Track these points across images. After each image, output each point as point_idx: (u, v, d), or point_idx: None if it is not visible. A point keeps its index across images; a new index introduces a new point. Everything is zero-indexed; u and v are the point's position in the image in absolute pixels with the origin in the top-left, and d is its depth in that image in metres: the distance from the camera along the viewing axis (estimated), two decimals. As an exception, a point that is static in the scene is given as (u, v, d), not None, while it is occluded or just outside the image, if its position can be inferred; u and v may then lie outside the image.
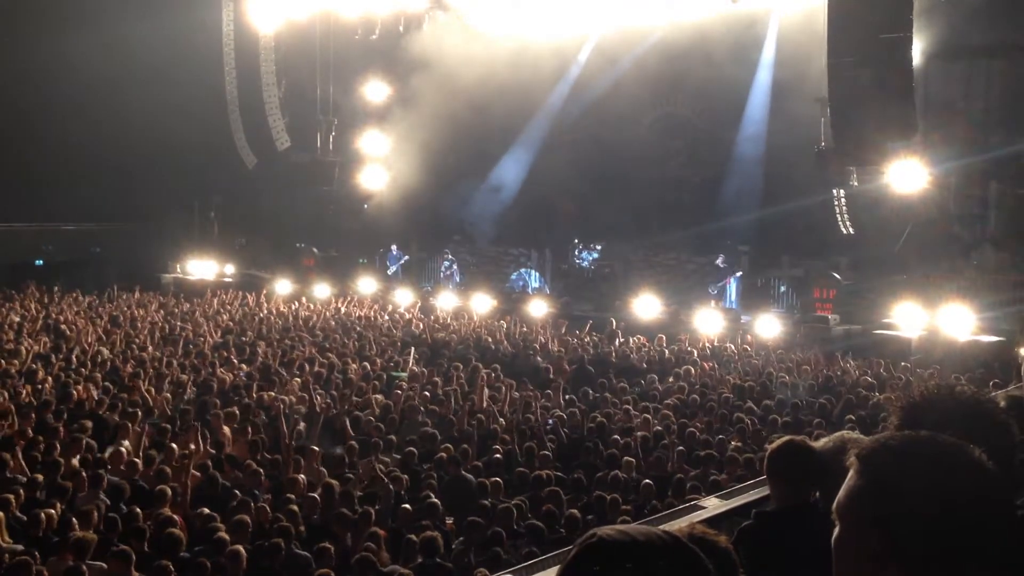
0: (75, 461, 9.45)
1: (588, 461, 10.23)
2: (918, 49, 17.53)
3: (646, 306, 20.57)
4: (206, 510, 8.21)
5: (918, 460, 1.54)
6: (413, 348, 16.37)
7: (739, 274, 22.97)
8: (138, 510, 8.04)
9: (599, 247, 25.40)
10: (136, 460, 9.44)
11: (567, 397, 13.24)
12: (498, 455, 10.25)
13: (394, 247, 27.48)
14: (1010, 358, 14.82)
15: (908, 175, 18.18)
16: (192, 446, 9.90)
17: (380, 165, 27.71)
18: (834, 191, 20.90)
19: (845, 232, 21.19)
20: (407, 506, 8.50)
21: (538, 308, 21.51)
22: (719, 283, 22.77)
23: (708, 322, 19.24)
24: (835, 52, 16.97)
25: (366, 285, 24.72)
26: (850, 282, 20.74)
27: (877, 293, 19.53)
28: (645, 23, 24.83)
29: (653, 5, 24.21)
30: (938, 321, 17.48)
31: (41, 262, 29.34)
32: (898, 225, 19.94)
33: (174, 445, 10.06)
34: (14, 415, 10.72)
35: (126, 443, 10.16)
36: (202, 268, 27.71)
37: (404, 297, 23.22)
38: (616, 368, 15.50)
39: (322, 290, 24.13)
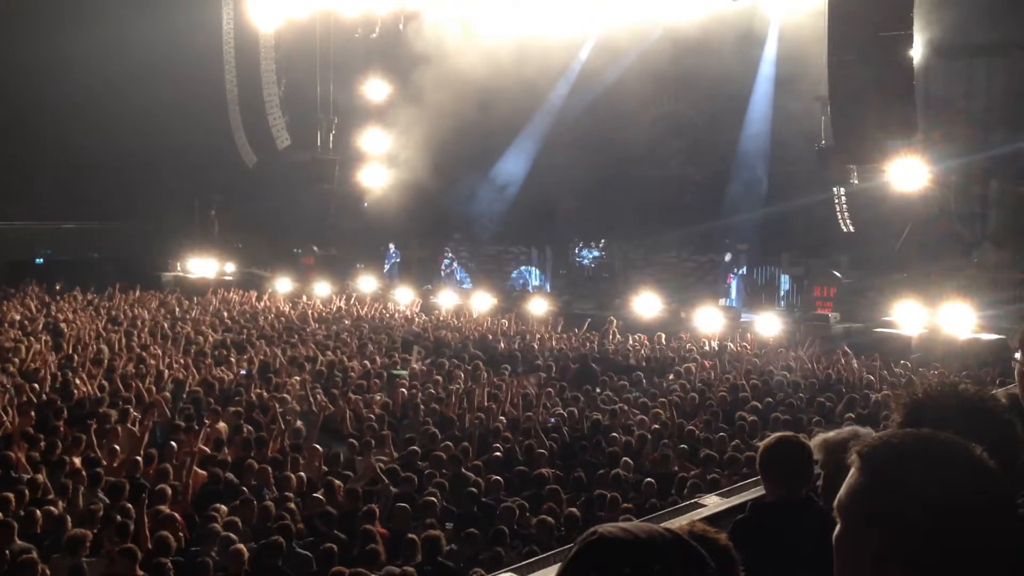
0: (76, 460, 9.45)
1: (588, 459, 10.23)
2: (919, 47, 17.51)
3: (646, 304, 20.56)
4: (222, 506, 8.21)
5: (919, 458, 1.53)
6: (415, 347, 16.35)
7: (742, 271, 22.99)
8: (130, 506, 8.02)
9: (600, 245, 25.39)
10: (137, 458, 9.44)
11: (567, 395, 13.23)
12: (498, 453, 10.25)
13: (392, 246, 27.51)
14: (1010, 356, 14.82)
15: (909, 173, 18.16)
16: (196, 443, 9.89)
17: (381, 163, 27.71)
18: (834, 189, 20.89)
19: (845, 230, 21.18)
20: (404, 505, 8.47)
21: (538, 306, 21.50)
22: (728, 274, 22.82)
23: (708, 320, 19.24)
24: (836, 50, 16.96)
25: (366, 284, 24.73)
26: (850, 280, 20.74)
27: (877, 291, 19.53)
28: (647, 20, 24.78)
29: (655, 3, 24.16)
30: (938, 319, 17.47)
31: (41, 260, 29.35)
32: (898, 223, 19.93)
33: (173, 443, 10.06)
34: (15, 414, 10.71)
35: (126, 441, 10.16)
36: (202, 267, 27.71)
37: (405, 295, 23.22)
38: (609, 366, 15.48)
39: (322, 288, 24.15)
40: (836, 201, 21.00)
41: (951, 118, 20.04)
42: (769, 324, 18.90)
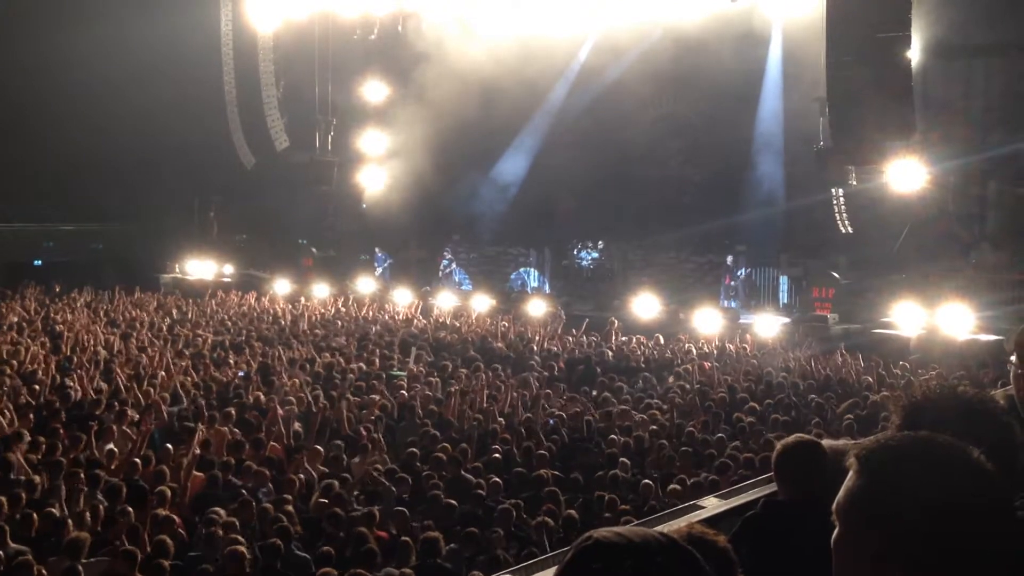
0: (74, 462, 9.43)
1: (586, 461, 10.22)
2: (917, 48, 17.52)
3: (645, 305, 20.56)
4: (220, 509, 8.20)
5: (917, 460, 1.53)
6: (414, 348, 16.34)
7: (741, 272, 23.00)
8: (129, 508, 8.01)
9: (599, 246, 25.38)
10: (135, 460, 9.43)
11: (566, 396, 13.22)
12: (497, 455, 10.24)
13: (377, 250, 27.59)
14: (1007, 358, 14.81)
15: (907, 174, 18.16)
16: (195, 447, 9.87)
17: (379, 164, 27.71)
18: (833, 190, 20.90)
19: (844, 231, 21.19)
20: (402, 508, 8.46)
21: (537, 307, 21.50)
22: (732, 275, 22.83)
23: (707, 321, 19.24)
24: (834, 51, 16.97)
25: (365, 285, 24.72)
26: (849, 281, 20.75)
27: (876, 292, 19.54)
28: (647, 20, 24.76)
29: (655, 3, 24.15)
30: (937, 320, 17.48)
31: (40, 262, 29.31)
32: (897, 224, 19.94)
33: (169, 446, 10.05)
34: (13, 415, 10.70)
35: (123, 443, 10.15)
36: (201, 268, 27.70)
37: (403, 297, 23.21)
38: (612, 367, 15.48)
39: (321, 290, 24.14)
40: (834, 202, 21.01)
41: (949, 119, 20.04)
42: (768, 325, 18.91)
